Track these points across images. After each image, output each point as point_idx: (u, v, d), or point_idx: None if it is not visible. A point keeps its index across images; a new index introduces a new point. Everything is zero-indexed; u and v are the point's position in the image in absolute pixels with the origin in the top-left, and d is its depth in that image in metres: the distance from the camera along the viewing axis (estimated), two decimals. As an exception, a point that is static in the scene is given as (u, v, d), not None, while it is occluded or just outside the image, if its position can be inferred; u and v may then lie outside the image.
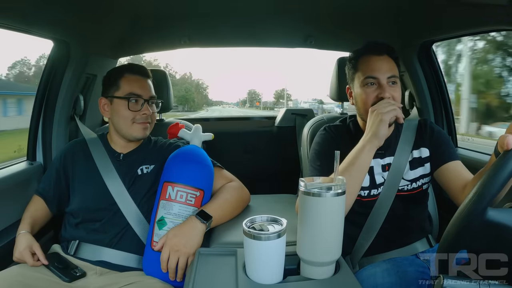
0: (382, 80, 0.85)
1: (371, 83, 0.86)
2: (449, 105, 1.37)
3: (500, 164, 0.50)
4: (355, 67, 0.90)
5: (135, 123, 0.95)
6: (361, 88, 0.87)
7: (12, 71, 21.90)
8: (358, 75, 0.89)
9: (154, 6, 1.16)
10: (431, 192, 1.08)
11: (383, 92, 0.84)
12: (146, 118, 0.96)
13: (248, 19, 1.36)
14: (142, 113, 0.95)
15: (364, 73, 0.86)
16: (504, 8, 0.84)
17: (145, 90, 0.97)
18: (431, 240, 0.94)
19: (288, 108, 1.91)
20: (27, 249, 0.83)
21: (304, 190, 0.58)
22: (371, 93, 0.85)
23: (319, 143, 0.94)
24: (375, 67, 0.86)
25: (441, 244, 0.53)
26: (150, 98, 0.98)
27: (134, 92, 0.95)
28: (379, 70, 0.85)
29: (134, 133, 0.96)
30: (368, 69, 0.86)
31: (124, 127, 0.96)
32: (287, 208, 1.03)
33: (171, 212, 0.84)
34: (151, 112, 0.97)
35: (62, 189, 0.98)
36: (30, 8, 0.90)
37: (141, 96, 0.95)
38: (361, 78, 0.87)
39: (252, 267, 0.59)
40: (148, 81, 1.00)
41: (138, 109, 0.95)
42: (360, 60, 0.89)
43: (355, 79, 0.90)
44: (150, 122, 0.98)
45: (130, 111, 0.94)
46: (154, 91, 1.00)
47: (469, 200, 0.50)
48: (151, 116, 0.98)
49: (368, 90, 0.86)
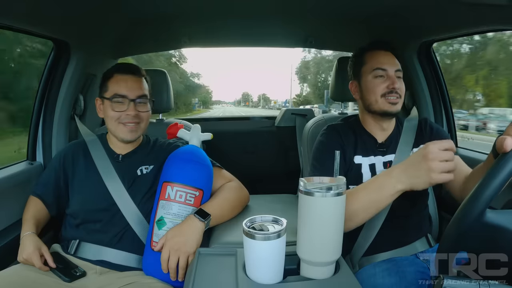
0: (391, 72, 0.89)
1: (380, 75, 0.89)
2: (449, 105, 1.38)
3: (498, 166, 0.50)
4: (362, 61, 0.93)
5: (120, 123, 0.94)
6: (370, 80, 0.90)
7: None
8: (366, 68, 0.91)
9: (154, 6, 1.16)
10: (431, 192, 1.08)
11: (393, 83, 0.87)
12: (131, 118, 0.93)
13: (248, 19, 1.36)
14: (126, 114, 0.93)
15: (372, 65, 0.90)
16: (504, 8, 0.84)
17: (131, 90, 0.94)
18: (431, 240, 0.94)
19: (288, 108, 1.91)
20: (36, 251, 0.82)
21: (304, 190, 0.58)
22: (380, 83, 0.89)
23: (323, 142, 0.94)
24: (383, 60, 0.90)
25: (441, 245, 0.53)
26: (137, 97, 0.94)
27: (119, 93, 0.93)
28: (388, 63, 0.89)
29: (121, 134, 0.95)
30: (377, 61, 0.90)
31: (112, 127, 0.96)
32: (287, 208, 1.03)
33: (171, 212, 0.84)
34: (136, 112, 0.94)
35: (61, 190, 0.98)
36: (30, 8, 0.90)
37: (126, 96, 0.93)
38: (370, 70, 0.90)
39: (252, 267, 0.59)
40: (138, 80, 0.96)
41: (123, 109, 0.93)
42: (367, 54, 0.92)
43: (361, 72, 0.93)
44: (139, 122, 0.95)
45: (115, 112, 0.93)
46: (146, 90, 0.97)
47: (467, 202, 0.50)
48: (140, 116, 0.95)
49: (377, 81, 0.89)
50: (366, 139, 0.94)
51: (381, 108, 0.89)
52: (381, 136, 0.95)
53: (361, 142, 0.93)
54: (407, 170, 0.66)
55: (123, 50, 1.54)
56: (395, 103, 0.88)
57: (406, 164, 0.67)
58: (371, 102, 0.90)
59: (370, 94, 0.90)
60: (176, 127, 0.99)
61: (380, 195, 0.69)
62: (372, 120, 0.94)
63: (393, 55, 0.92)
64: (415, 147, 0.92)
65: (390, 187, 0.68)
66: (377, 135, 0.95)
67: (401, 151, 0.91)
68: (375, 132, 0.95)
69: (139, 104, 0.95)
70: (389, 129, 0.95)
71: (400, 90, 0.89)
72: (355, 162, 0.91)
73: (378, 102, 0.89)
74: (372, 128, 0.95)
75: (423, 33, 1.25)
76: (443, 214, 1.13)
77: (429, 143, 0.63)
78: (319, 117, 1.29)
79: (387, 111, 0.89)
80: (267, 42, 1.81)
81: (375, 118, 0.94)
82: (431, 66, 1.35)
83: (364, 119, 0.97)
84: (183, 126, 1.00)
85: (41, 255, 0.83)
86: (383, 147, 0.93)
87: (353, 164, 0.91)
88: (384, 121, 0.93)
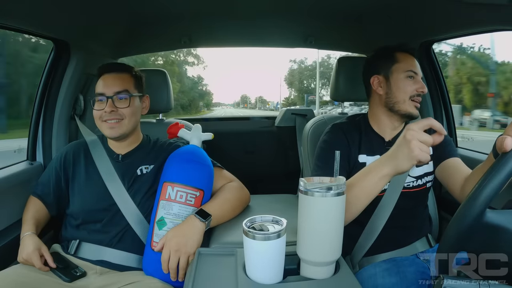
0: (419, 77, 0.91)
1: (411, 77, 0.91)
2: (449, 105, 1.38)
3: (498, 166, 0.50)
4: (393, 59, 0.93)
5: (103, 121, 0.94)
6: (402, 79, 0.91)
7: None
8: (398, 66, 0.92)
9: (154, 6, 1.16)
10: (431, 192, 1.08)
11: (422, 87, 0.90)
12: (110, 115, 0.92)
13: (248, 19, 1.36)
14: (103, 111, 0.93)
15: (406, 66, 0.91)
16: (504, 8, 0.84)
17: (109, 87, 0.93)
18: (431, 240, 0.94)
19: (288, 108, 1.91)
20: (36, 251, 0.82)
21: (304, 190, 0.58)
22: (411, 85, 0.90)
23: (327, 141, 0.93)
24: (414, 64, 0.92)
25: (441, 245, 0.53)
26: (115, 93, 0.93)
27: (98, 92, 0.94)
28: (417, 69, 0.92)
29: (104, 131, 0.96)
30: (410, 64, 0.91)
31: (98, 126, 0.96)
32: (287, 208, 1.03)
33: (171, 212, 0.84)
34: (113, 108, 0.92)
35: (62, 191, 0.98)
36: (30, 8, 0.90)
37: (104, 94, 0.93)
38: (404, 70, 0.91)
39: (252, 267, 0.59)
40: (119, 76, 0.95)
41: (102, 107, 0.93)
42: (398, 54, 0.93)
43: (393, 69, 0.92)
44: (121, 119, 0.94)
45: (96, 110, 0.94)
46: (129, 86, 0.96)
47: (467, 203, 0.50)
48: (119, 112, 0.93)
49: (409, 82, 0.91)
50: (373, 138, 0.94)
51: (407, 109, 0.90)
52: (389, 135, 0.94)
53: (367, 141, 0.93)
54: (391, 153, 0.68)
55: (123, 50, 1.54)
56: (418, 107, 0.91)
57: (391, 149, 0.69)
58: (399, 100, 0.90)
59: (400, 92, 0.90)
60: (177, 126, 0.98)
61: (368, 181, 0.71)
62: (386, 117, 0.94)
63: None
64: None
65: (377, 170, 0.69)
66: (386, 134, 0.94)
67: None
68: (384, 130, 0.94)
69: (119, 101, 0.93)
70: (399, 128, 0.95)
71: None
72: (360, 161, 0.91)
73: (405, 102, 0.89)
74: (383, 126, 0.94)
75: (423, 33, 1.24)
76: (443, 214, 1.13)
77: (410, 124, 0.65)
78: (319, 117, 1.29)
79: (411, 113, 0.90)
80: (267, 42, 1.80)
81: (391, 117, 0.93)
82: (431, 66, 1.35)
83: (375, 117, 0.95)
84: (183, 126, 1.00)
85: (41, 255, 0.83)
86: (390, 145, 0.92)
87: (357, 163, 0.91)
88: (400, 121, 0.94)
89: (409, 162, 0.64)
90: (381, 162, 0.70)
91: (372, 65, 0.96)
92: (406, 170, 0.67)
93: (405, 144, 0.64)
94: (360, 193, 0.71)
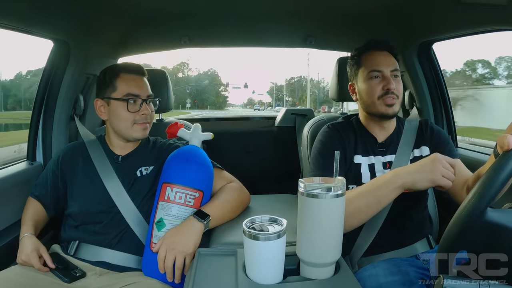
0: (386, 73, 0.89)
1: (376, 76, 0.89)
2: (449, 105, 1.37)
3: (500, 164, 0.50)
4: (358, 63, 0.93)
5: (136, 124, 0.94)
6: (366, 82, 0.91)
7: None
8: (362, 70, 0.92)
9: (154, 6, 1.16)
10: (431, 193, 1.08)
11: (388, 83, 0.87)
12: (145, 118, 0.95)
13: (248, 19, 1.36)
14: (141, 114, 0.94)
15: (368, 67, 0.90)
16: (504, 8, 0.84)
17: (143, 89, 0.95)
18: (431, 241, 0.94)
19: (288, 108, 1.91)
20: (34, 252, 0.82)
21: (304, 191, 0.57)
22: (376, 85, 0.89)
23: (322, 141, 0.94)
24: (378, 61, 0.90)
25: (441, 245, 0.53)
26: (148, 97, 0.96)
27: (132, 93, 0.93)
28: (383, 64, 0.89)
29: (134, 133, 0.95)
30: (372, 63, 0.90)
31: (124, 128, 0.95)
32: (287, 208, 1.03)
33: (170, 214, 0.84)
34: (150, 111, 0.96)
35: (60, 192, 0.97)
36: (30, 8, 0.90)
37: (139, 96, 0.94)
38: (366, 72, 0.91)
39: (252, 267, 0.59)
40: (145, 80, 0.98)
41: (137, 109, 0.94)
42: (363, 56, 0.93)
43: (359, 74, 0.93)
44: (149, 122, 0.97)
45: (130, 112, 0.93)
46: (150, 90, 0.99)
47: (469, 201, 0.50)
48: (150, 115, 0.97)
49: (373, 82, 0.90)
50: (366, 139, 0.94)
51: (379, 110, 0.89)
52: (381, 136, 0.95)
53: (361, 141, 0.93)
54: (411, 167, 0.72)
55: (123, 50, 1.54)
56: (392, 104, 0.88)
57: (411, 165, 0.73)
58: (369, 104, 0.91)
59: (367, 97, 0.91)
60: (176, 126, 0.97)
61: (382, 190, 0.73)
62: (371, 120, 0.95)
63: (390, 55, 0.92)
64: (415, 148, 0.92)
65: (392, 181, 0.72)
66: (377, 135, 0.95)
67: (401, 151, 0.91)
68: (375, 131, 0.95)
69: (148, 104, 0.97)
70: (390, 128, 0.96)
71: (397, 90, 0.89)
72: (355, 162, 0.91)
73: (375, 105, 0.89)
74: (373, 127, 0.95)
75: (423, 33, 1.24)
76: (443, 215, 1.12)
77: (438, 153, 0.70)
78: (319, 117, 1.29)
79: (383, 113, 0.89)
80: (267, 42, 1.81)
81: (373, 119, 0.94)
82: (431, 66, 1.35)
83: (364, 119, 0.97)
84: (183, 126, 0.99)
85: (39, 256, 0.83)
86: (382, 146, 0.93)
87: (353, 164, 0.91)
88: (384, 122, 0.94)
89: (427, 183, 0.68)
90: (397, 174, 0.72)
91: (349, 72, 0.99)
92: (421, 189, 0.71)
93: (431, 163, 0.68)
94: (372, 202, 0.73)
